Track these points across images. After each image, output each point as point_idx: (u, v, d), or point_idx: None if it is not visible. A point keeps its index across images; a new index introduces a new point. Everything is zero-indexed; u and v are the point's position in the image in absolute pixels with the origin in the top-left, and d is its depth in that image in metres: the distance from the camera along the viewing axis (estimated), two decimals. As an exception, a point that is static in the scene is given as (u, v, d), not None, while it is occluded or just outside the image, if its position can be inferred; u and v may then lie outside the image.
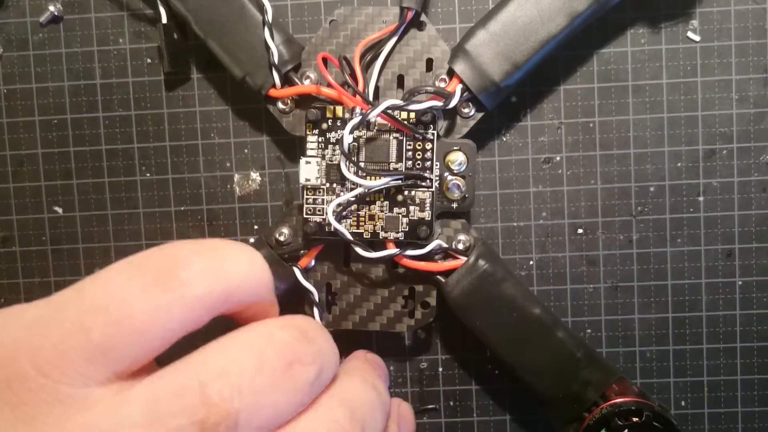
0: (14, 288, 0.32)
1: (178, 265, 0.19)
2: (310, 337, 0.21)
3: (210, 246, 0.21)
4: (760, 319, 0.30)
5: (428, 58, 0.28)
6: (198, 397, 0.18)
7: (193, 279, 0.19)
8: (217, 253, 0.20)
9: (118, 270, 0.19)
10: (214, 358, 0.19)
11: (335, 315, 0.29)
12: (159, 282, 0.19)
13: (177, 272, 0.19)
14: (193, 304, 0.19)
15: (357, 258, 0.29)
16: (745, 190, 0.30)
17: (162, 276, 0.19)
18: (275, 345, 0.20)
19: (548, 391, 0.28)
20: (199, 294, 0.19)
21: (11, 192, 0.32)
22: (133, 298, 0.18)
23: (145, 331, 0.18)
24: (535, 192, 0.31)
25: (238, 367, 0.19)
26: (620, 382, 0.28)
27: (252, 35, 0.28)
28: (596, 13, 0.27)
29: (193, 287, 0.19)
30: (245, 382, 0.18)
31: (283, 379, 0.19)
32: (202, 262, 0.20)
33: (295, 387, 0.20)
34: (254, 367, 0.19)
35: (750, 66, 0.30)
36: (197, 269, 0.19)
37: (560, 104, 0.30)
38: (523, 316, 0.28)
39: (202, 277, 0.19)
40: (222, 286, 0.20)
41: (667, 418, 0.26)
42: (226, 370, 0.18)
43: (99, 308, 0.18)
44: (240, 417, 0.18)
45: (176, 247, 0.20)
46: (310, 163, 0.28)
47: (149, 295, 0.18)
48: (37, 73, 0.31)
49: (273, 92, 0.28)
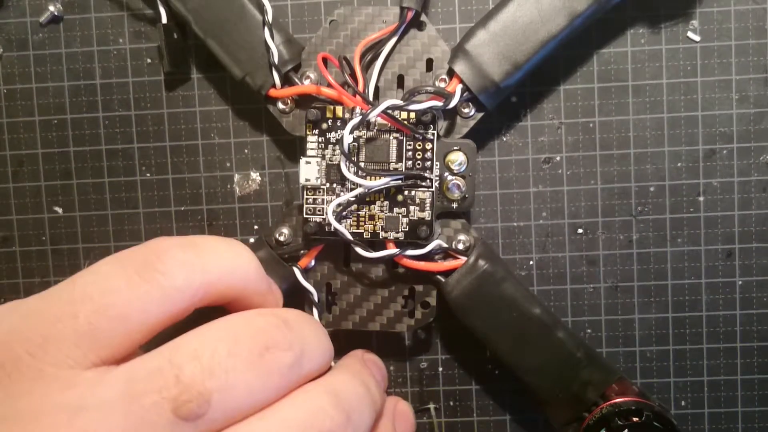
0: (14, 288, 0.32)
1: (158, 258, 0.21)
2: (291, 326, 0.22)
3: (191, 240, 0.22)
4: (760, 319, 0.30)
5: (428, 58, 0.28)
6: (171, 377, 0.19)
7: (171, 270, 0.20)
8: (197, 247, 0.22)
9: (106, 263, 0.21)
10: (189, 341, 0.20)
11: (335, 315, 0.29)
12: (140, 273, 0.20)
13: (156, 264, 0.20)
14: (172, 294, 0.20)
15: (357, 258, 0.29)
16: (745, 190, 0.30)
17: (143, 267, 0.20)
18: (251, 330, 0.21)
19: (548, 391, 0.28)
20: (178, 285, 0.20)
21: (11, 192, 0.32)
22: (116, 287, 0.20)
23: (127, 318, 0.20)
24: (535, 192, 0.31)
25: (211, 349, 0.20)
26: (620, 382, 0.28)
27: (252, 35, 0.28)
28: (596, 13, 0.27)
29: (172, 278, 0.20)
30: (217, 363, 0.19)
31: (257, 362, 0.20)
32: (181, 255, 0.21)
33: (270, 370, 0.20)
34: (227, 349, 0.20)
35: (750, 66, 0.30)
36: (176, 261, 0.21)
37: (560, 104, 0.30)
38: (523, 316, 0.28)
39: (181, 268, 0.21)
40: (201, 276, 0.21)
41: (667, 417, 0.26)
42: (200, 352, 0.20)
43: (86, 297, 0.20)
44: (212, 396, 0.19)
45: (159, 242, 0.21)
46: (310, 163, 0.28)
47: (131, 286, 0.20)
48: (37, 73, 0.31)
49: (273, 92, 0.28)
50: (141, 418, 0.18)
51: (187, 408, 0.19)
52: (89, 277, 0.20)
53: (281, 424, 0.20)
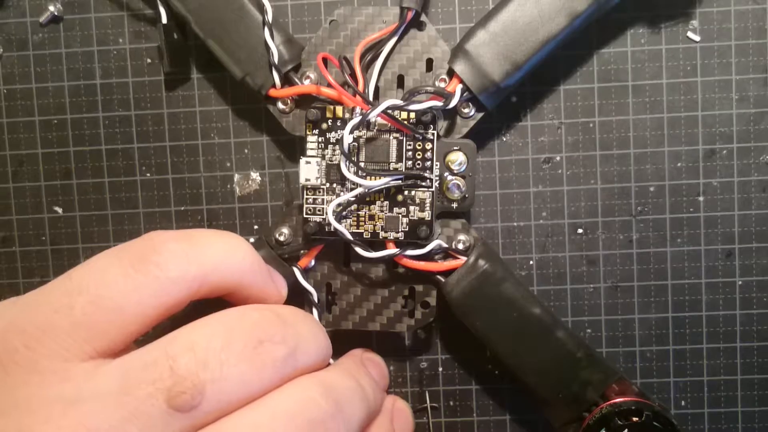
0: (14, 288, 0.32)
1: (153, 250, 0.21)
2: (286, 320, 0.22)
3: (186, 233, 0.22)
4: (760, 319, 0.30)
5: (428, 58, 0.28)
6: (166, 369, 0.19)
7: (166, 262, 0.21)
8: (192, 239, 0.22)
9: (102, 256, 0.21)
10: (185, 335, 0.20)
11: (335, 315, 0.29)
12: (135, 265, 0.20)
13: (151, 256, 0.21)
14: (167, 286, 0.21)
15: (357, 258, 0.29)
16: (745, 190, 0.30)
17: (138, 260, 0.21)
18: (246, 324, 0.21)
19: (548, 391, 0.28)
20: (173, 276, 0.21)
21: (11, 192, 0.32)
22: (112, 279, 0.20)
23: (122, 309, 0.20)
24: (535, 192, 0.31)
25: (206, 342, 0.20)
26: (620, 382, 0.28)
27: (252, 35, 0.28)
28: (596, 13, 0.27)
29: (166, 269, 0.21)
30: (211, 355, 0.20)
31: (251, 355, 0.20)
32: (176, 247, 0.21)
33: (263, 363, 0.21)
34: (221, 342, 0.20)
35: (750, 66, 0.30)
36: (170, 253, 0.21)
37: (560, 104, 0.30)
38: (523, 316, 0.28)
39: (175, 260, 0.21)
40: (196, 268, 0.21)
41: (667, 417, 0.26)
42: (194, 344, 0.20)
43: (82, 289, 0.20)
44: (206, 387, 0.19)
45: (154, 235, 0.22)
46: (310, 163, 0.28)
47: (126, 277, 0.20)
48: (37, 73, 0.31)
49: (273, 92, 0.28)
50: (135, 409, 0.19)
51: (181, 399, 0.19)
52: (85, 269, 0.21)
53: (270, 414, 0.20)
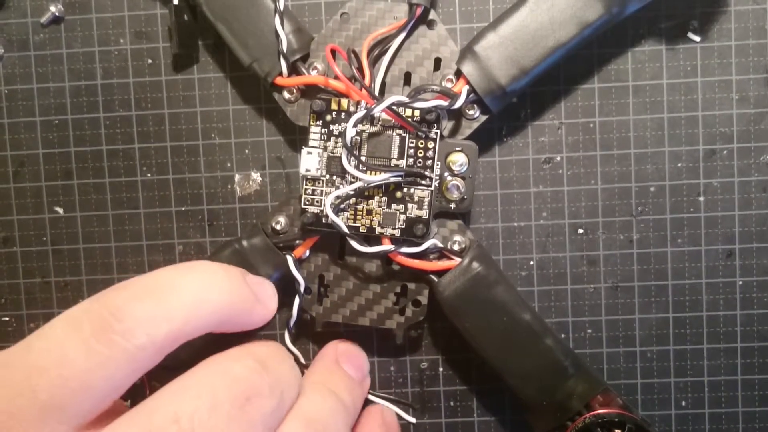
0: (15, 288, 0.32)
1: (115, 317, 0.19)
2: (269, 366, 0.21)
3: (148, 285, 0.20)
4: (761, 319, 0.30)
5: (437, 57, 0.28)
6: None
7: (131, 330, 0.19)
8: (155, 293, 0.20)
9: (59, 325, 0.19)
10: (168, 403, 0.19)
11: (326, 307, 0.29)
12: (96, 336, 0.19)
13: (114, 325, 0.19)
14: (137, 354, 0.19)
15: (352, 252, 0.29)
16: (746, 190, 0.30)
17: (99, 330, 0.19)
18: (229, 380, 0.20)
19: (533, 398, 0.28)
20: (141, 343, 0.19)
21: (12, 192, 0.32)
22: (73, 357, 0.18)
23: (91, 386, 0.18)
24: (536, 192, 0.31)
25: (191, 410, 0.19)
26: (605, 394, 0.28)
27: (262, 22, 0.28)
28: (607, 24, 0.27)
29: (132, 337, 0.19)
30: (198, 425, 0.18)
31: (239, 416, 0.19)
32: (138, 309, 0.19)
33: (252, 421, 0.20)
34: (207, 408, 0.19)
35: (750, 66, 0.30)
36: (135, 318, 0.19)
37: (560, 104, 0.30)
38: (512, 320, 0.27)
39: (140, 325, 0.19)
40: (166, 328, 0.20)
41: (648, 431, 0.26)
42: (179, 415, 0.18)
43: (42, 369, 0.18)
44: None
45: (112, 296, 0.20)
46: (311, 154, 0.28)
47: (88, 353, 0.18)
48: (38, 74, 0.31)
49: (279, 80, 0.28)
50: None
51: None
52: (43, 343, 0.19)
53: None
